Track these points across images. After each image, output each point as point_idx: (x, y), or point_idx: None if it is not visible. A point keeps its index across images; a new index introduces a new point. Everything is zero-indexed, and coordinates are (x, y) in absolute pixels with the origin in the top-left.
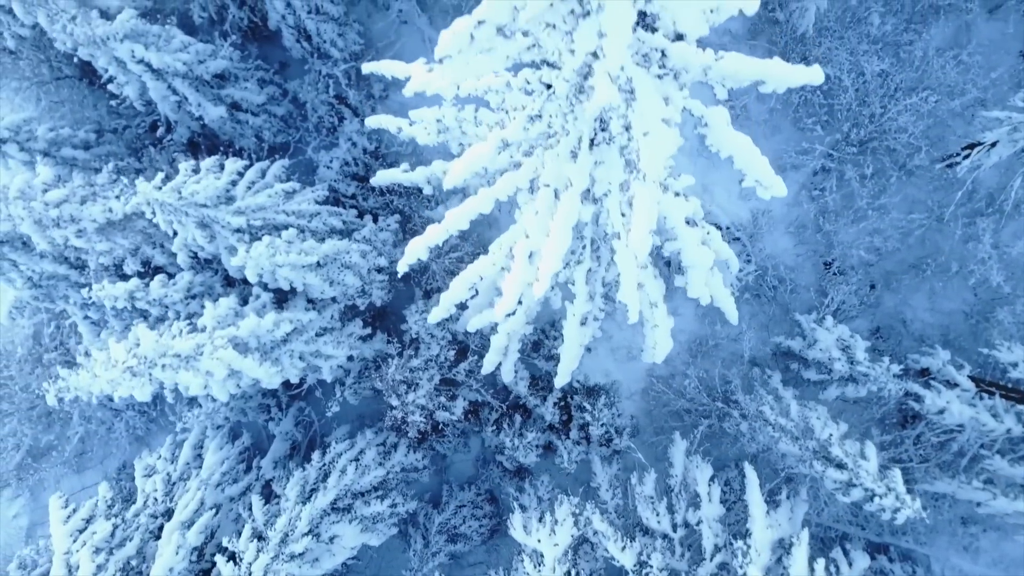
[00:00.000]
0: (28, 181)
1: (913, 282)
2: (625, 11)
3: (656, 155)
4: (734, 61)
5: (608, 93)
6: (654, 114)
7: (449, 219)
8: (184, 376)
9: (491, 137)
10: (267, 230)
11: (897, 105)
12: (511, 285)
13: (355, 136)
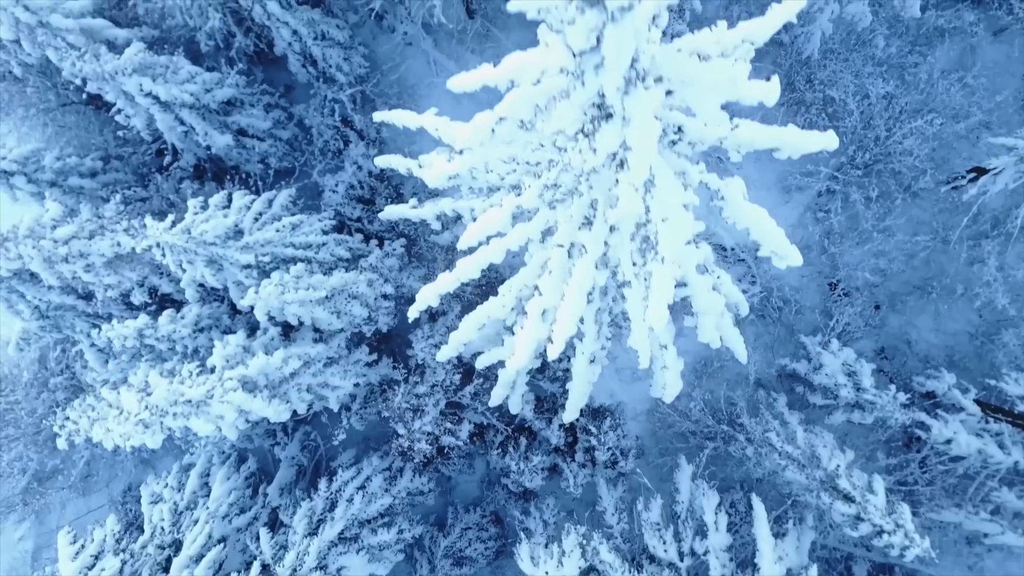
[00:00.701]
0: (37, 219)
1: (918, 303)
2: (651, 128)
3: (675, 239)
4: (749, 131)
5: (633, 204)
6: (674, 200)
7: (460, 268)
8: (195, 422)
9: (506, 203)
10: (275, 263)
11: (902, 128)
12: (524, 342)
13: (360, 160)
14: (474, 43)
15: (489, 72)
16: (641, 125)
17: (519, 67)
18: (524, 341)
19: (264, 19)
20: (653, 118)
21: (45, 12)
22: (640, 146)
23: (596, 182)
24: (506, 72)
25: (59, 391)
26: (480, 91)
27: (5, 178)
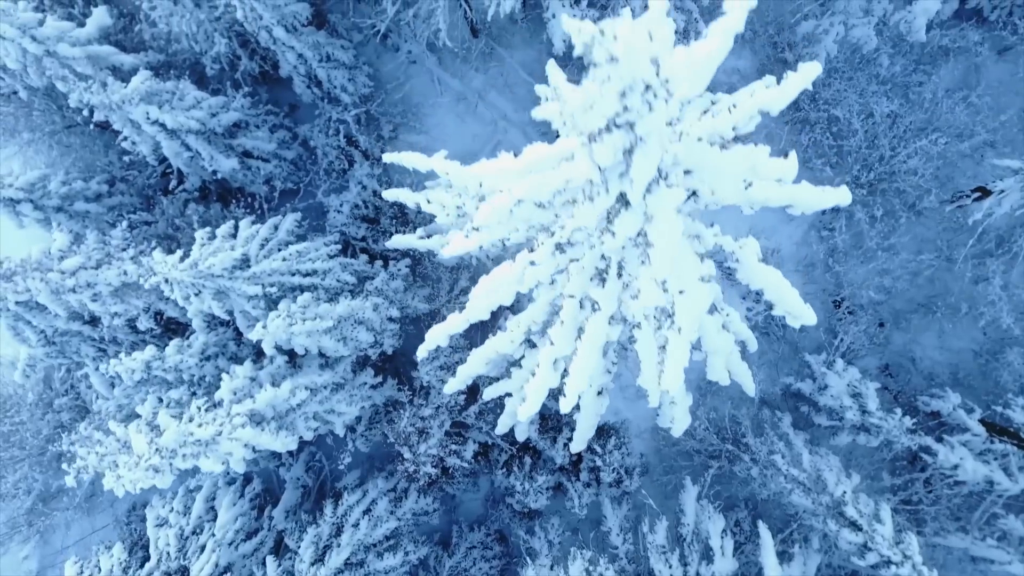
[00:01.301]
0: (45, 251)
1: (923, 321)
2: (675, 225)
3: (693, 311)
4: (763, 191)
5: (655, 299)
6: (691, 274)
7: (469, 310)
8: (204, 462)
9: (519, 258)
10: (282, 292)
11: (907, 147)
12: (535, 391)
13: (365, 179)
14: (478, 62)
15: (509, 162)
16: (664, 223)
17: (539, 160)
18: (535, 390)
19: (270, 43)
20: (676, 214)
21: (52, 42)
22: (663, 242)
23: (610, 245)
24: (527, 163)
25: (64, 412)
26: (483, 111)
27: (11, 206)
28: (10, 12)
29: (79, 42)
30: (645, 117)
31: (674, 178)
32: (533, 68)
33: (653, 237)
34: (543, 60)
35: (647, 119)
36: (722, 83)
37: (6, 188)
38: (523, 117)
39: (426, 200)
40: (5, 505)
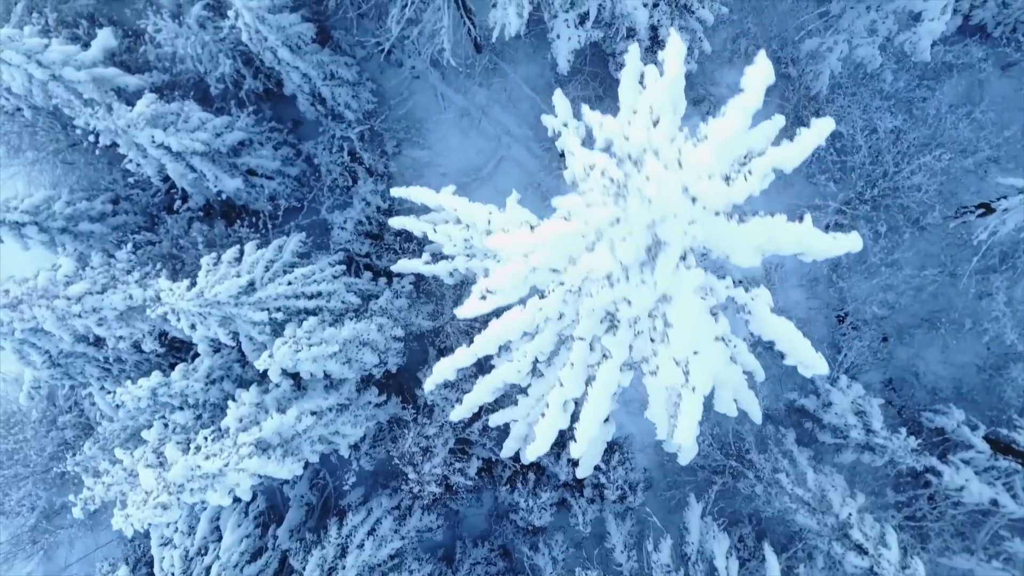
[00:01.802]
0: (51, 278)
1: (926, 336)
2: (694, 307)
3: (708, 371)
4: (776, 244)
5: (675, 377)
6: (707, 335)
7: (478, 344)
8: (212, 495)
9: (530, 304)
10: (287, 316)
11: (911, 163)
12: (545, 432)
13: (369, 196)
14: (482, 77)
15: (527, 237)
16: (684, 304)
17: (557, 237)
18: (545, 431)
19: (274, 63)
20: (695, 296)
21: (57, 66)
22: (682, 323)
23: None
24: (545, 238)
25: (68, 429)
26: (487, 126)
27: (17, 229)
28: (16, 38)
29: (84, 65)
30: (670, 225)
31: (692, 259)
32: (536, 83)
33: (672, 318)
34: (546, 75)
35: (672, 226)
36: (725, 97)
37: (12, 212)
38: (526, 132)
39: (432, 229)
40: (9, 522)
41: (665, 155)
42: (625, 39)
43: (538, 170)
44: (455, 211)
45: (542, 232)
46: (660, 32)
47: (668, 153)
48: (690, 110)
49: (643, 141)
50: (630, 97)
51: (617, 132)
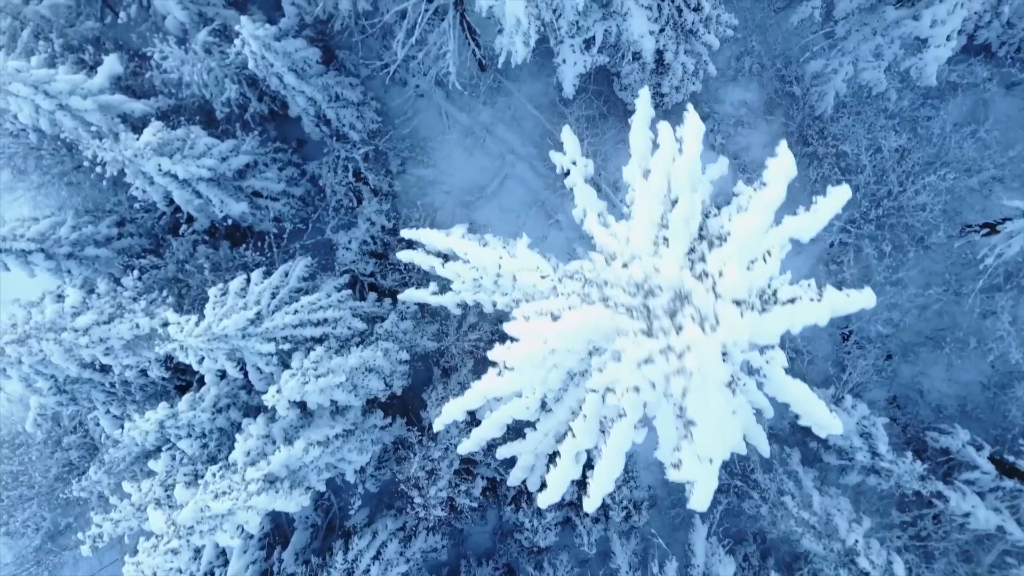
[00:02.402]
0: (59, 310)
1: (931, 355)
2: (720, 407)
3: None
4: (799, 321)
5: (697, 469)
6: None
7: (490, 387)
8: (221, 536)
9: (539, 391)
10: (294, 344)
11: (915, 183)
12: (557, 482)
13: (374, 216)
14: (486, 96)
15: (548, 326)
16: (709, 403)
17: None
18: (557, 481)
19: (280, 88)
20: (721, 392)
21: (64, 96)
22: (707, 422)
23: None
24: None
25: (73, 450)
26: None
27: (23, 257)
28: (23, 70)
29: (91, 93)
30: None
31: None
32: (540, 102)
33: (694, 414)
34: (550, 94)
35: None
36: (729, 115)
37: (18, 240)
38: (530, 151)
39: (441, 264)
40: (14, 543)
41: (698, 300)
42: (631, 62)
43: (542, 188)
44: (465, 255)
45: (565, 324)
46: (666, 56)
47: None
48: None
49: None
50: (641, 144)
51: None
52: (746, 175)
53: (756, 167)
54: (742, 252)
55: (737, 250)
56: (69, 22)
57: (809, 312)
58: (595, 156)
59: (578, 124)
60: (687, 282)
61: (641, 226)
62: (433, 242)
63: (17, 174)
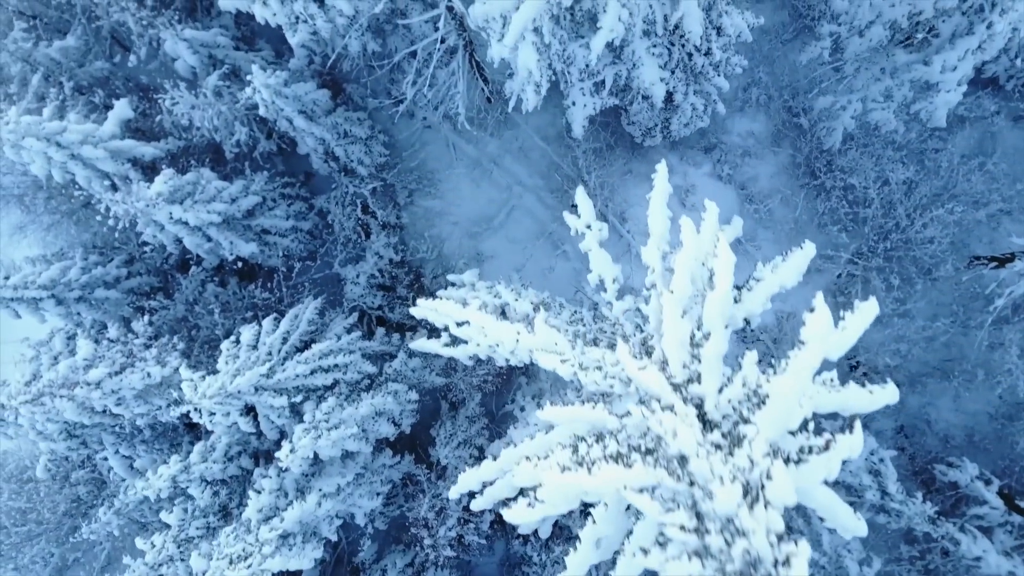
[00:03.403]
0: (71, 365)
1: (939, 386)
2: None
3: None
4: (820, 408)
5: None
6: None
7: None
8: None
9: None
10: (306, 394)
11: (923, 216)
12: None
13: (382, 249)
14: (494, 128)
15: (582, 479)
16: None
17: (611, 483)
18: (576, 565)
19: (290, 130)
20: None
21: (76, 146)
22: None
23: None
24: (601, 484)
25: (81, 485)
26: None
27: (34, 304)
28: (36, 125)
29: (102, 140)
30: None
31: None
32: (547, 133)
33: None
34: (557, 125)
35: None
36: (737, 145)
37: (29, 288)
38: (537, 182)
39: (455, 323)
40: None
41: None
42: (641, 102)
43: (549, 219)
44: (482, 329)
45: (599, 479)
46: (675, 97)
47: (749, 523)
48: (701, 157)
49: (728, 507)
50: (659, 225)
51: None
52: (754, 206)
53: (763, 198)
54: (782, 418)
55: (776, 419)
56: (79, 63)
57: (832, 400)
58: (602, 187)
59: (585, 157)
60: (744, 520)
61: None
62: (449, 314)
63: (27, 212)
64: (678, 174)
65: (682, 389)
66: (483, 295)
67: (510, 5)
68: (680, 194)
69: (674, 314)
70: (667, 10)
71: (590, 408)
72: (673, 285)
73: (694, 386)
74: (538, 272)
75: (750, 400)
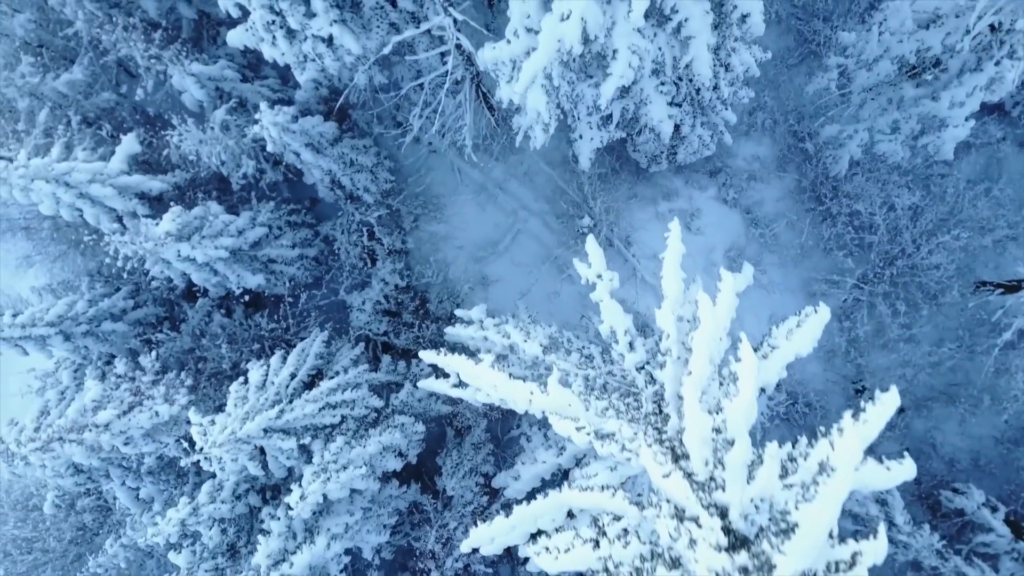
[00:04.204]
0: (80, 408)
1: (944, 410)
2: None
3: None
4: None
5: None
6: None
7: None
8: None
9: None
10: (315, 433)
11: (929, 243)
12: None
13: (387, 276)
14: (499, 153)
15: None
16: None
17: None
18: None
19: (296, 162)
20: None
21: (84, 185)
22: None
23: None
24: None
25: (87, 513)
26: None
27: (42, 342)
28: (46, 168)
29: (110, 176)
30: None
31: None
32: (552, 158)
33: None
34: (563, 149)
35: None
36: (742, 169)
37: (37, 326)
38: (543, 206)
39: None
40: None
41: None
42: (648, 133)
43: (554, 244)
44: (495, 387)
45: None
46: (682, 129)
47: None
48: (706, 181)
49: None
50: (674, 287)
51: None
52: (759, 231)
53: (769, 222)
54: (812, 548)
55: (806, 550)
56: (85, 94)
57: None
58: (607, 212)
59: (590, 182)
60: None
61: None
62: (460, 371)
63: (33, 243)
64: (683, 197)
65: (705, 490)
66: (492, 335)
67: (520, 51)
68: (685, 218)
69: (695, 405)
70: (676, 52)
71: (609, 496)
72: (691, 365)
73: (718, 494)
74: (544, 296)
75: (777, 525)
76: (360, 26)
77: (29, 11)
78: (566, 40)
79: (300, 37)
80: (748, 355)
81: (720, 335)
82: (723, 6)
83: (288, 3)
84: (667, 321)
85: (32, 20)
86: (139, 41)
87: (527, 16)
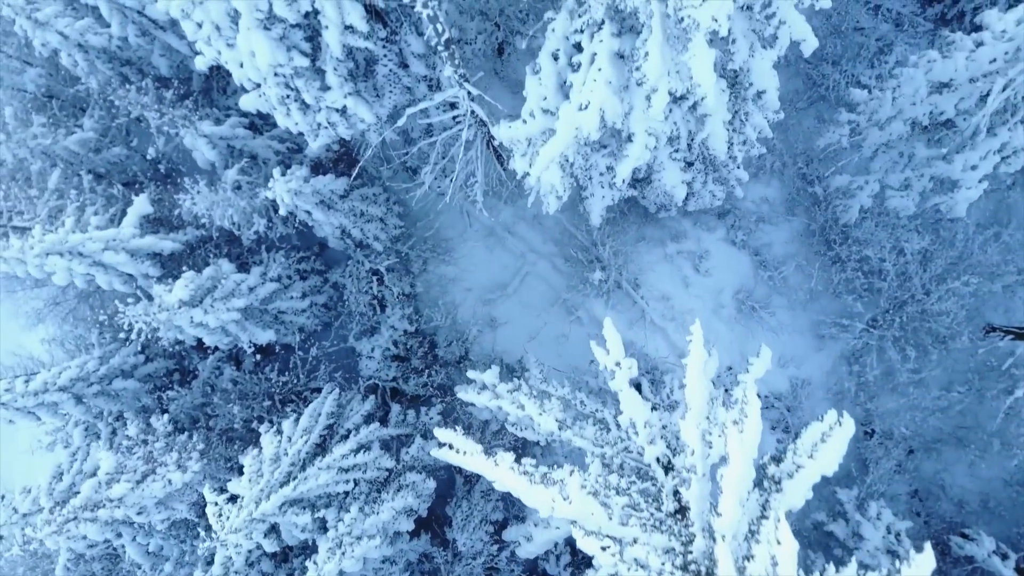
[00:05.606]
0: (95, 485)
1: (953, 453)
2: None
3: None
4: None
5: None
6: None
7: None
8: None
9: None
10: (328, 501)
11: (939, 289)
12: None
13: (396, 322)
14: (508, 197)
15: None
16: None
17: None
18: None
19: (308, 220)
20: None
21: (97, 253)
22: None
23: None
24: None
25: (96, 562)
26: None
27: (54, 407)
28: (60, 243)
29: (122, 240)
30: None
31: None
32: None
33: None
34: (572, 195)
35: None
36: (751, 212)
37: (49, 392)
38: (551, 248)
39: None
40: None
41: None
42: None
43: (563, 287)
44: (516, 491)
45: None
46: (694, 186)
47: None
48: (715, 222)
49: None
50: (699, 399)
51: None
52: (768, 273)
53: (778, 264)
54: None
55: None
56: (95, 150)
57: None
58: (616, 255)
59: (600, 228)
60: None
61: None
62: (477, 469)
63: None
64: (692, 239)
65: None
66: (506, 405)
67: (536, 130)
68: (694, 260)
69: (727, 557)
70: (692, 127)
71: None
72: (722, 507)
73: None
74: (552, 339)
75: None
76: (373, 94)
77: (40, 66)
78: (584, 128)
79: (315, 109)
80: (787, 536)
81: (750, 460)
82: (738, 82)
83: (303, 81)
84: (692, 436)
85: (42, 75)
86: (152, 105)
87: (543, 99)
